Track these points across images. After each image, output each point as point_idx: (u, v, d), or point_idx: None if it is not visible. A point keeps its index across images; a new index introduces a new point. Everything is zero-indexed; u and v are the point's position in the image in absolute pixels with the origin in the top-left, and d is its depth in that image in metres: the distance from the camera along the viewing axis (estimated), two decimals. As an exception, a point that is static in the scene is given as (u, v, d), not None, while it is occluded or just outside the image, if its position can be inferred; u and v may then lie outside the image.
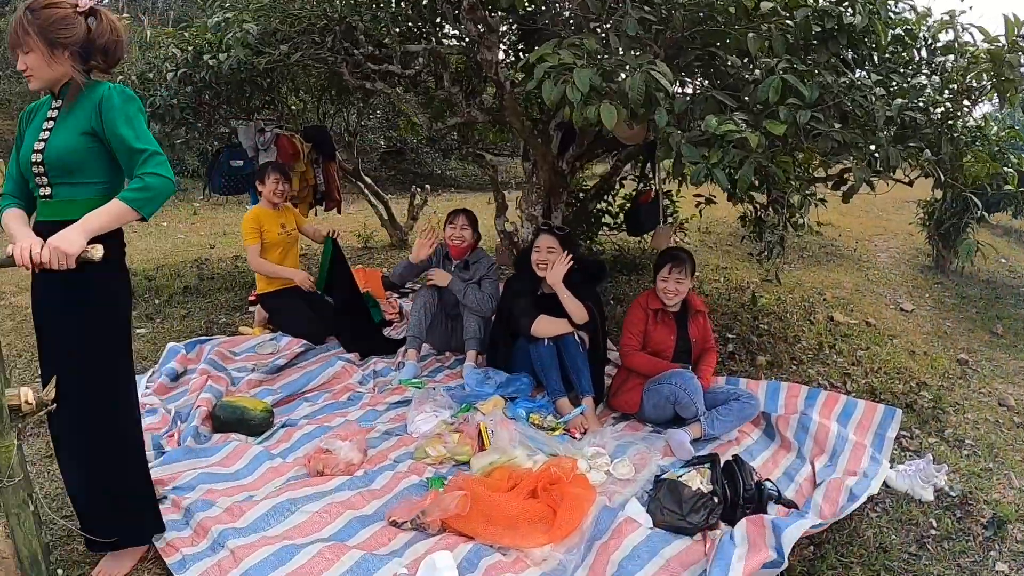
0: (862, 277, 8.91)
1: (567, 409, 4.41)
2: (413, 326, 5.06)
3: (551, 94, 3.39)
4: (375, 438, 4.17)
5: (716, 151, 3.19)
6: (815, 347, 6.07)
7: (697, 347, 4.58)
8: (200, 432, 4.21)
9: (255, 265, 5.63)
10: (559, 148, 5.90)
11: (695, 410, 4.15)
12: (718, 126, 3.20)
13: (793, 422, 4.38)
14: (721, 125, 3.20)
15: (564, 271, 4.52)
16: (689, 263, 4.45)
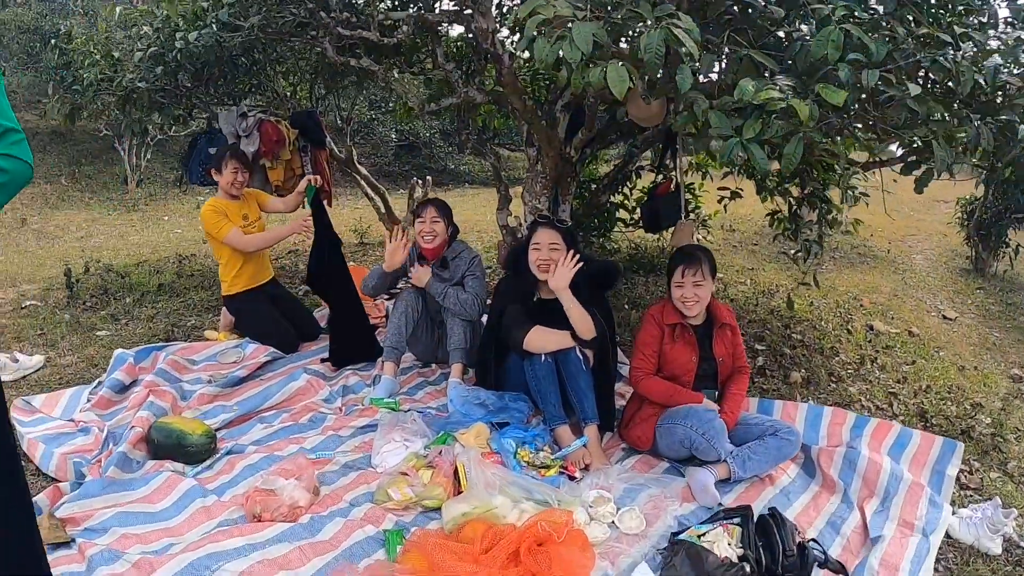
0: (899, 281, 8.08)
1: (567, 439, 3.57)
2: (392, 335, 4.24)
3: (544, 53, 2.59)
4: (332, 472, 3.38)
5: (753, 122, 2.36)
6: (855, 361, 5.22)
7: (725, 367, 3.69)
8: (130, 458, 3.48)
9: (246, 245, 4.81)
10: (567, 132, 5.07)
11: (718, 455, 3.33)
12: (755, 92, 2.36)
13: (838, 457, 3.61)
14: (760, 91, 2.36)
15: (571, 274, 3.66)
16: (707, 262, 3.59)
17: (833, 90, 2.31)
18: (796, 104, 2.27)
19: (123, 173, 12.18)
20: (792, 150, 2.35)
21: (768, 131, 2.33)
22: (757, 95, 2.33)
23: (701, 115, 2.47)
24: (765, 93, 2.32)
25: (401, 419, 3.54)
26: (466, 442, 3.33)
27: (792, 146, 2.34)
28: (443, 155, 15.82)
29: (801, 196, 5.46)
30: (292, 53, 6.52)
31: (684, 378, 3.57)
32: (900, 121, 2.55)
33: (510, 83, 4.49)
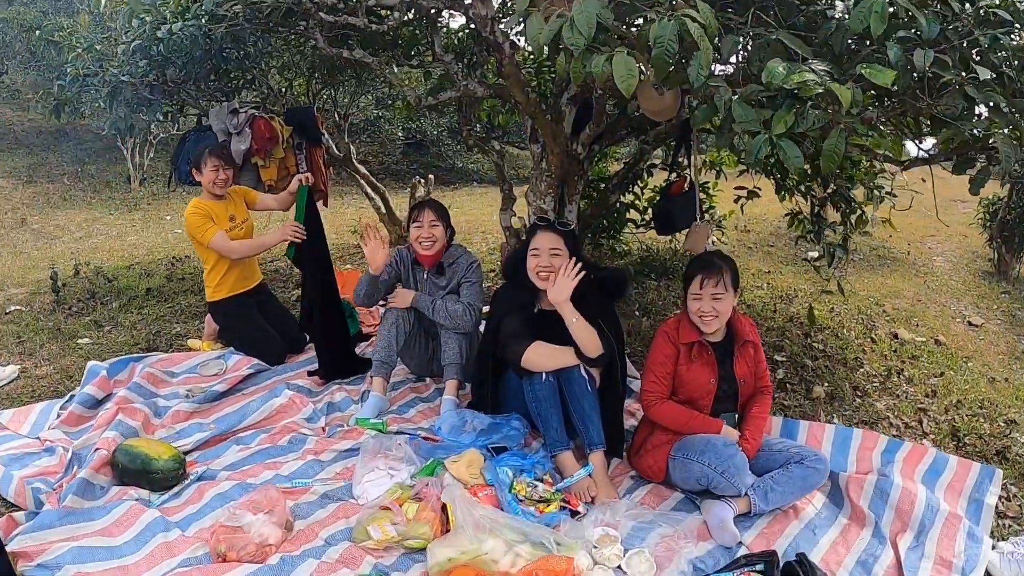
0: (922, 285, 7.65)
1: (570, 466, 3.17)
2: (382, 348, 3.84)
3: (536, 33, 2.21)
4: (309, 503, 3.01)
5: (784, 113, 1.96)
6: (881, 373, 4.82)
7: (746, 388, 3.28)
8: (93, 484, 3.14)
9: (231, 251, 4.41)
10: (573, 127, 4.67)
11: (737, 491, 2.94)
12: (786, 76, 1.97)
13: (868, 486, 3.23)
14: (792, 75, 1.97)
15: (573, 285, 3.25)
16: (728, 271, 3.17)
17: (879, 69, 1.91)
18: (836, 88, 1.88)
19: (126, 172, 11.86)
20: (833, 145, 1.96)
21: (802, 123, 1.95)
22: (788, 79, 1.93)
23: (723, 107, 2.08)
24: (798, 76, 1.93)
25: (385, 444, 3.15)
26: (456, 472, 2.94)
27: (833, 140, 1.95)
28: (451, 153, 15.40)
29: (824, 196, 5.04)
30: (287, 47, 6.16)
31: (702, 402, 3.16)
32: (957, 111, 2.15)
33: (512, 74, 4.10)
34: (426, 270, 3.94)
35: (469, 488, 2.88)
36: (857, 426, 4.01)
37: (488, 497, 2.83)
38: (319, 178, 6.18)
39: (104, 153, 12.67)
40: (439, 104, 5.26)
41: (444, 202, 4.16)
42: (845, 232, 5.08)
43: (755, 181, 5.62)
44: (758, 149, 2.03)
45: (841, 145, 1.97)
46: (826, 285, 5.91)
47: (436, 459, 3.10)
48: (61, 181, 11.57)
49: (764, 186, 5.73)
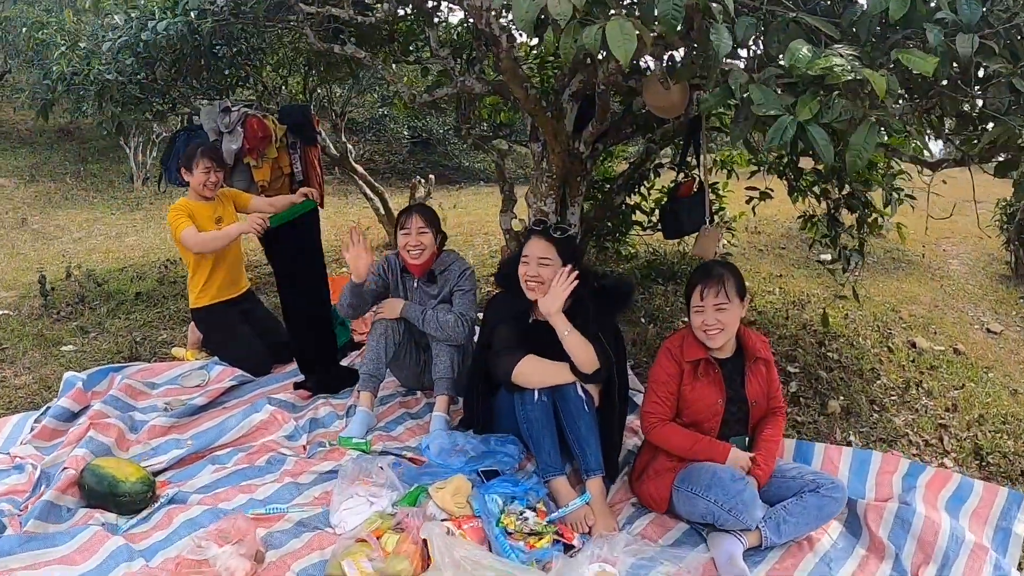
0: (938, 290, 7.33)
1: (564, 494, 2.89)
2: (370, 361, 3.56)
3: (524, 14, 1.93)
4: (282, 532, 2.74)
5: (809, 99, 1.68)
6: (899, 386, 4.52)
7: (758, 409, 2.98)
8: (59, 506, 2.91)
9: (198, 245, 4.08)
10: (575, 125, 4.38)
11: (747, 526, 2.65)
12: (812, 60, 1.68)
13: (888, 514, 2.95)
14: (818, 59, 1.68)
15: (565, 295, 2.95)
16: (731, 279, 2.86)
17: (919, 56, 1.63)
18: (870, 76, 1.59)
19: (129, 171, 11.64)
20: (862, 140, 1.67)
21: (827, 113, 1.66)
22: (814, 64, 1.65)
23: (739, 90, 1.79)
24: (825, 60, 1.65)
25: (366, 468, 2.87)
26: (441, 501, 2.66)
27: (862, 134, 1.66)
28: (457, 152, 15.10)
29: (840, 198, 4.74)
30: (280, 43, 5.91)
31: (707, 424, 2.87)
32: (1004, 106, 1.86)
33: (509, 69, 3.82)
34: (416, 278, 3.66)
35: (453, 519, 2.60)
36: (875, 445, 3.73)
37: (474, 530, 2.56)
38: (314, 179, 5.93)
39: (108, 152, 12.46)
40: (436, 101, 5.00)
41: (448, 202, 3.93)
42: (861, 236, 4.78)
43: (767, 182, 5.33)
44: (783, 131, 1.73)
45: (871, 141, 1.70)
46: (840, 290, 5.61)
47: (420, 485, 2.82)
48: (64, 180, 11.35)
49: (776, 187, 5.44)
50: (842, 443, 3.75)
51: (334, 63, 6.05)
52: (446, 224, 8.26)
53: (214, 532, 2.63)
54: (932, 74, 1.60)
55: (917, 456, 3.71)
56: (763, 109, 1.75)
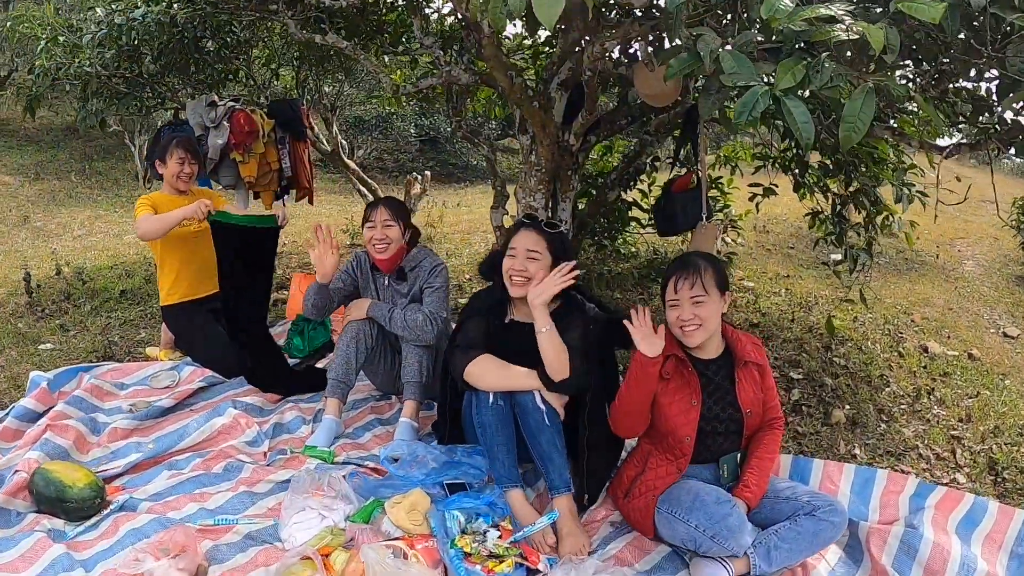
0: (952, 292, 6.99)
1: (520, 508, 2.62)
2: (339, 365, 3.31)
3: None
4: (229, 545, 2.51)
5: (792, 63, 1.41)
6: (910, 393, 4.23)
7: (753, 420, 2.67)
8: (8, 510, 2.75)
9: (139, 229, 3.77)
10: (565, 116, 4.12)
11: (733, 553, 2.37)
12: (794, 13, 1.41)
13: (893, 539, 2.67)
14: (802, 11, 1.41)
15: (557, 289, 2.69)
16: (711, 270, 2.59)
17: (924, 3, 1.35)
18: (864, 28, 1.32)
19: (135, 169, 11.47)
20: (857, 109, 1.39)
21: (815, 78, 1.39)
22: (795, 17, 1.38)
23: (709, 57, 1.52)
24: (811, 11, 1.37)
25: (319, 479, 2.62)
26: (395, 517, 2.41)
27: (857, 102, 1.39)
28: (464, 150, 14.83)
29: (846, 194, 4.44)
30: (271, 36, 5.70)
31: (682, 431, 2.55)
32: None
33: (492, 57, 3.57)
34: (386, 276, 3.40)
35: (406, 538, 2.34)
36: (882, 459, 3.44)
37: (427, 551, 2.30)
38: (303, 175, 5.71)
39: (113, 150, 12.30)
40: (425, 93, 4.76)
41: (452, 200, 3.67)
42: (869, 235, 4.47)
43: (772, 177, 5.04)
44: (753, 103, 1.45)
45: (869, 110, 1.42)
46: (848, 292, 5.33)
47: (376, 499, 2.57)
48: (68, 178, 11.19)
49: (783, 183, 5.15)
50: (846, 456, 3.47)
51: (325, 56, 5.82)
52: (443, 222, 8.11)
53: (154, 544, 2.44)
54: (938, 22, 1.32)
55: (927, 471, 3.43)
56: (735, 79, 1.48)
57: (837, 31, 1.38)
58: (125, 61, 4.77)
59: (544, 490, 2.86)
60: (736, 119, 1.49)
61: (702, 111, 1.77)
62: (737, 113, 1.50)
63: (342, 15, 4.63)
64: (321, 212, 9.77)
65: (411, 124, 13.93)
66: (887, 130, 2.51)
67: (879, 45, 1.33)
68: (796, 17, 1.40)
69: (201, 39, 5.06)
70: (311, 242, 3.31)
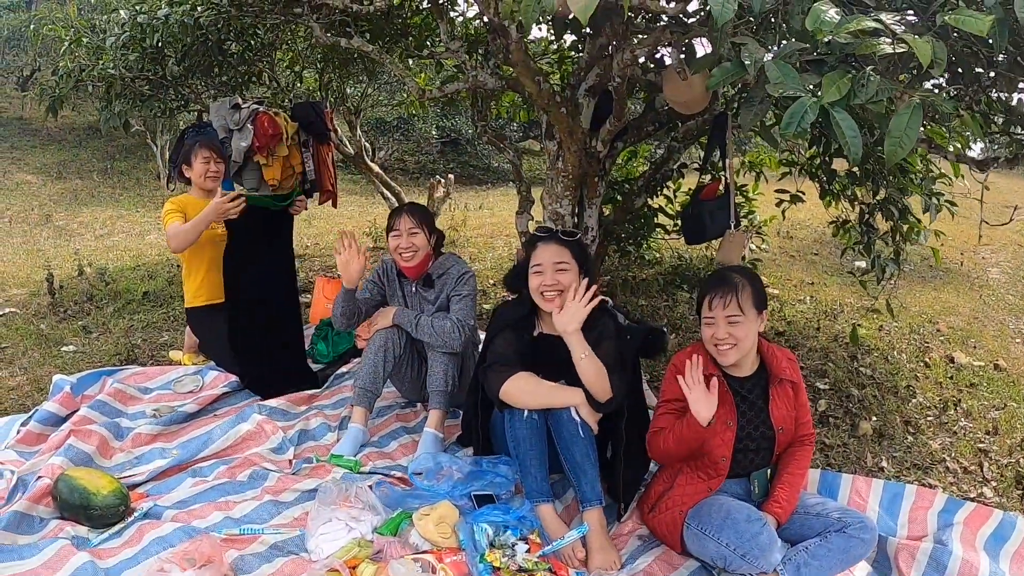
0: (977, 300, 6.91)
1: (551, 522, 2.60)
2: (366, 374, 3.29)
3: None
4: (255, 555, 2.50)
5: (837, 77, 1.38)
6: (936, 405, 4.18)
7: (784, 437, 2.64)
8: (31, 516, 2.73)
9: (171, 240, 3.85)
10: (592, 122, 4.09)
11: (763, 571, 2.34)
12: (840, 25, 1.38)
13: (922, 555, 2.65)
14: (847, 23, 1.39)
15: (584, 314, 2.67)
16: (749, 288, 2.55)
17: (971, 15, 1.32)
18: (912, 43, 1.29)
19: (156, 169, 11.54)
20: (903, 125, 1.37)
21: (860, 93, 1.37)
22: (840, 29, 1.35)
23: (753, 67, 1.50)
24: (856, 23, 1.35)
25: (347, 490, 2.61)
26: (423, 530, 2.40)
27: (903, 118, 1.36)
28: (486, 152, 14.81)
29: (875, 203, 4.38)
30: (295, 38, 5.70)
31: (718, 452, 2.52)
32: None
33: (520, 61, 3.55)
34: (413, 283, 3.40)
35: (435, 552, 2.33)
36: (909, 472, 3.40)
37: (456, 564, 2.28)
38: (326, 178, 5.71)
39: (136, 150, 12.37)
40: (451, 98, 4.75)
41: (475, 203, 3.66)
42: (897, 245, 4.41)
43: (798, 184, 4.99)
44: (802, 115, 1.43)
45: (915, 127, 1.39)
46: (874, 303, 5.27)
47: (403, 511, 2.56)
48: (91, 178, 11.27)
49: (809, 190, 5.10)
50: (873, 469, 3.43)
51: (349, 59, 5.82)
52: (466, 225, 8.08)
53: (179, 554, 2.42)
54: (986, 35, 1.29)
55: (954, 485, 3.38)
56: (780, 89, 1.45)
57: (883, 44, 1.36)
58: (149, 63, 4.77)
59: (572, 501, 2.85)
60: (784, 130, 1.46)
61: (743, 122, 1.74)
62: (785, 124, 1.47)
63: (367, 18, 4.62)
64: (344, 214, 9.79)
65: (432, 126, 13.93)
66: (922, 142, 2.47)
67: (926, 59, 1.30)
68: (841, 29, 1.37)
69: (225, 42, 5.06)
70: (337, 248, 3.31)
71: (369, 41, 4.66)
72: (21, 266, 6.86)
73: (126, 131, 5.32)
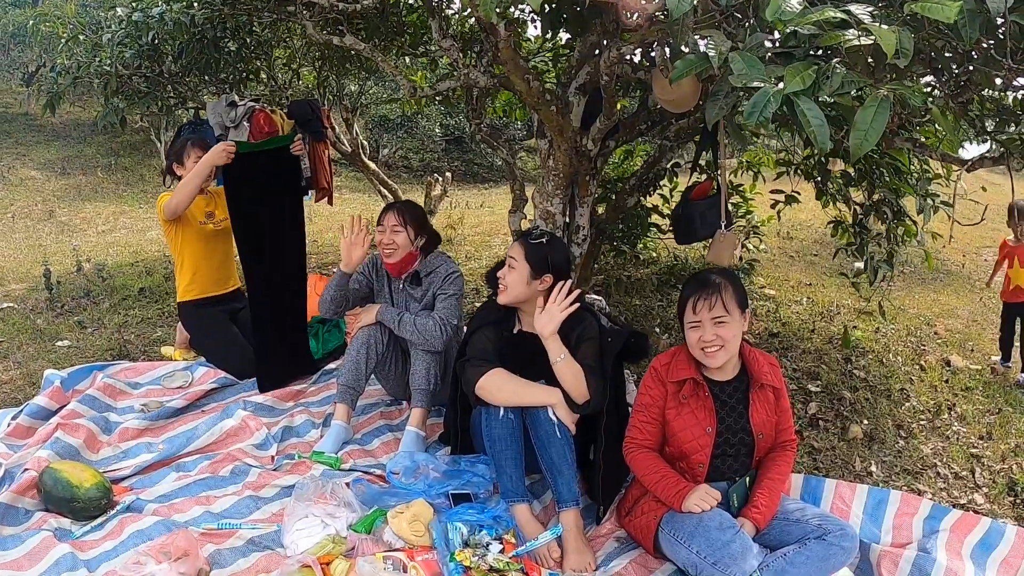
0: (977, 303, 6.85)
1: (526, 523, 2.58)
2: (348, 371, 3.28)
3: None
4: (232, 549, 2.50)
5: (801, 68, 1.35)
6: (930, 409, 4.14)
7: (764, 443, 2.60)
8: (17, 507, 2.75)
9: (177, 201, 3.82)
10: (583, 120, 4.06)
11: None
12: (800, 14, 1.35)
13: (905, 563, 2.60)
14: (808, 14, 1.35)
15: (562, 317, 2.66)
16: (731, 288, 2.51)
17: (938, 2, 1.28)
18: (876, 32, 1.26)
19: (160, 165, 11.53)
20: (868, 119, 1.33)
21: (825, 84, 1.33)
22: (803, 20, 1.32)
23: (718, 59, 1.46)
24: (820, 14, 1.31)
25: (324, 486, 2.59)
26: (397, 528, 2.38)
27: (869, 110, 1.32)
28: (490, 151, 14.77)
29: (868, 204, 4.34)
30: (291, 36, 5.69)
31: (696, 457, 2.50)
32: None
33: (509, 59, 3.53)
34: (400, 280, 3.38)
35: (406, 550, 2.30)
36: (898, 476, 3.37)
37: (427, 563, 2.27)
38: (322, 175, 5.69)
39: (140, 147, 12.38)
40: (446, 96, 4.72)
41: (476, 201, 3.63)
42: (891, 247, 4.37)
43: (795, 184, 4.95)
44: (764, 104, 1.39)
45: (881, 120, 1.35)
46: (867, 305, 5.21)
47: (379, 508, 2.54)
48: (94, 174, 11.28)
49: (806, 191, 5.06)
50: (862, 473, 3.40)
51: (346, 57, 5.81)
52: (464, 223, 8.05)
53: (156, 547, 2.44)
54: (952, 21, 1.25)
55: (944, 491, 3.35)
56: (744, 80, 1.42)
57: (848, 36, 1.32)
58: (146, 60, 4.77)
59: (551, 503, 2.83)
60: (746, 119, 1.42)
61: (708, 117, 1.71)
62: (748, 114, 1.44)
63: (362, 16, 4.60)
64: (344, 212, 9.77)
65: (436, 124, 13.91)
66: (907, 141, 2.43)
67: (891, 49, 1.26)
68: (804, 20, 1.34)
69: (221, 39, 5.05)
70: (345, 231, 3.32)
71: (364, 39, 4.64)
72: (22, 261, 6.87)
73: (123, 127, 5.30)
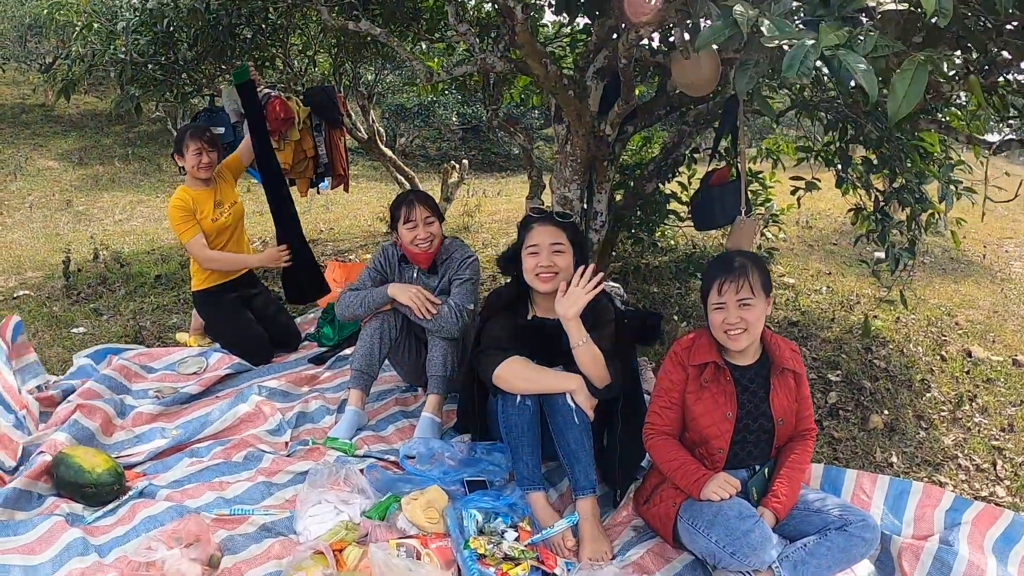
0: (998, 294, 6.73)
1: (542, 511, 2.55)
2: (361, 356, 3.24)
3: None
4: (244, 536, 2.48)
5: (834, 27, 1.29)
6: (951, 400, 4.06)
7: (784, 430, 2.55)
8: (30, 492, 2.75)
9: (205, 260, 4.00)
10: (601, 105, 4.01)
11: (756, 568, 2.26)
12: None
13: (926, 556, 2.55)
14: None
15: (586, 300, 2.59)
16: (756, 271, 2.46)
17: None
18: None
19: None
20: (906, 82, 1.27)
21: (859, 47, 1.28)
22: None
23: (746, 23, 1.41)
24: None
25: (338, 472, 2.56)
26: (411, 514, 2.35)
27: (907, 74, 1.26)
28: (508, 139, 14.72)
29: (889, 190, 4.26)
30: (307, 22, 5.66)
31: (716, 443, 2.46)
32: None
33: (526, 42, 3.48)
34: (415, 268, 3.34)
35: (420, 537, 2.28)
36: (919, 468, 3.30)
37: (441, 550, 2.24)
38: (337, 160, 5.67)
39: (157, 136, 12.41)
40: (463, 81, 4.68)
41: (493, 189, 3.58)
42: (913, 234, 4.29)
43: (814, 170, 4.87)
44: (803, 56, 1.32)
45: (920, 84, 1.29)
46: (888, 294, 5.13)
47: (393, 495, 2.51)
48: (112, 163, 11.30)
49: (826, 178, 4.98)
50: (882, 464, 3.34)
51: (362, 43, 5.77)
52: (480, 211, 8.03)
53: (167, 533, 2.41)
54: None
55: (966, 483, 3.28)
56: (776, 40, 1.36)
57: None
58: (160, 48, 4.76)
59: (567, 490, 2.79)
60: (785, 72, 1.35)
61: (737, 87, 1.65)
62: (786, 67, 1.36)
63: (378, 2, 4.56)
64: (362, 199, 9.78)
65: (453, 113, 13.84)
66: (933, 122, 2.36)
67: (930, 6, 1.21)
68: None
69: (236, 26, 5.03)
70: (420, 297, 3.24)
71: (380, 24, 4.61)
72: (39, 250, 6.90)
73: (138, 115, 5.30)
